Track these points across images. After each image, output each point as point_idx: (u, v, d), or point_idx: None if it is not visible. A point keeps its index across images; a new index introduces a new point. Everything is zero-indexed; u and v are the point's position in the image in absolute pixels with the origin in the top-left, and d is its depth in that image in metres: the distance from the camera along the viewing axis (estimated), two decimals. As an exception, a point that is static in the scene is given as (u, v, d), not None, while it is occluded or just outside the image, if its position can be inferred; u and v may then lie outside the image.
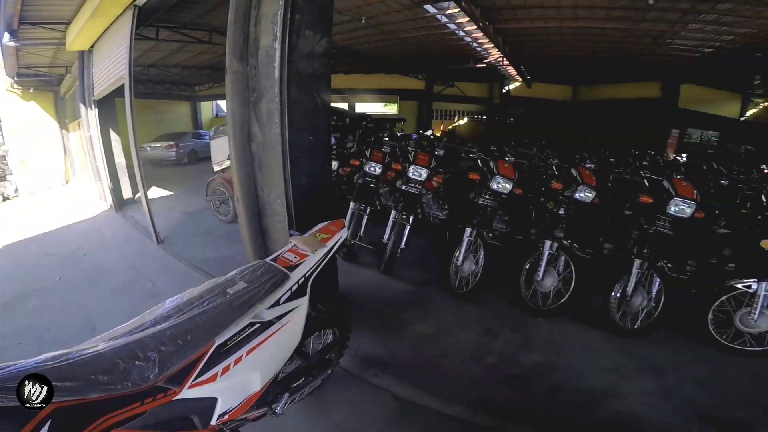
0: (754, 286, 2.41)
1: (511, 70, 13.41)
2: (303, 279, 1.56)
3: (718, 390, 2.22)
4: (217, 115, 20.04)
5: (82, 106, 7.15)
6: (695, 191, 2.59)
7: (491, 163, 3.11)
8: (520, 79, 15.40)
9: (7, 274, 4.43)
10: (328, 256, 1.73)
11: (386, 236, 3.56)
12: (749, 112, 14.36)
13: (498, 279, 3.13)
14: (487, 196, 3.06)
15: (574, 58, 11.06)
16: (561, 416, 2.07)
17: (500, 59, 11.67)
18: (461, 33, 9.45)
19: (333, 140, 5.86)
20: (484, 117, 19.60)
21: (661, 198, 2.67)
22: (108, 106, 6.67)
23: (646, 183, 3.23)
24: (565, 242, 2.89)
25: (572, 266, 2.83)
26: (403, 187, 3.48)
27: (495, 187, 3.01)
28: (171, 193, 8.24)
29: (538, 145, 6.37)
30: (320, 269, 1.67)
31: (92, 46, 6.32)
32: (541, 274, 2.88)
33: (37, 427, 0.89)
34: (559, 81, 16.55)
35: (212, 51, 9.48)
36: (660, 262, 2.58)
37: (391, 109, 19.12)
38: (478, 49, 10.96)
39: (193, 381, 1.15)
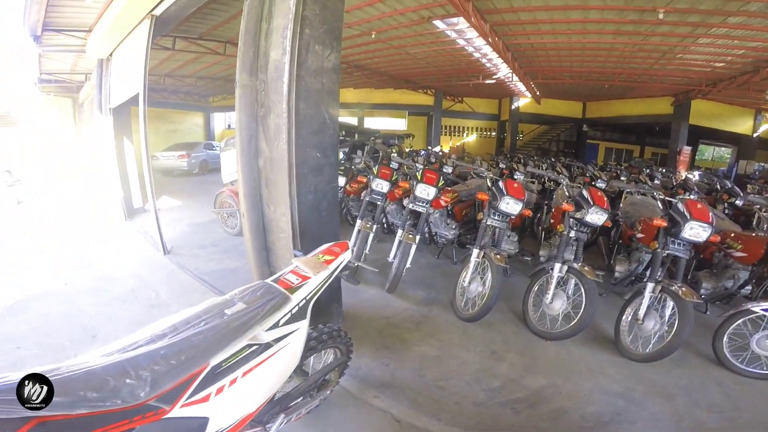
0: (772, 309, 2.36)
1: (521, 86, 13.45)
2: (304, 301, 1.53)
3: (731, 414, 2.16)
4: (229, 126, 20.34)
5: (98, 113, 7.30)
6: (711, 214, 2.54)
7: (500, 183, 3.08)
8: (530, 95, 15.43)
9: (12, 278, 4.45)
10: (330, 279, 1.70)
11: (392, 255, 3.52)
12: (762, 128, 14.02)
13: (505, 301, 3.06)
14: (496, 217, 3.01)
15: (583, 73, 11.08)
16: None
17: (510, 75, 11.73)
18: (471, 48, 9.53)
19: (342, 155, 5.88)
20: (494, 133, 19.65)
21: (676, 221, 2.61)
22: (123, 114, 6.78)
23: (660, 205, 3.17)
24: (575, 265, 2.83)
25: (582, 289, 2.76)
26: (410, 206, 3.46)
27: (504, 208, 2.97)
28: (181, 203, 8.31)
29: (549, 162, 6.33)
30: (322, 291, 1.64)
31: (111, 54, 6.48)
32: (549, 297, 2.82)
33: None
34: (568, 97, 16.57)
35: (226, 62, 9.68)
36: (674, 286, 2.50)
37: (400, 124, 19.24)
38: (488, 64, 11.05)
39: (185, 400, 1.13)
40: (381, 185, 3.73)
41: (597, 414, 2.16)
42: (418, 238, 3.35)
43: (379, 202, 3.80)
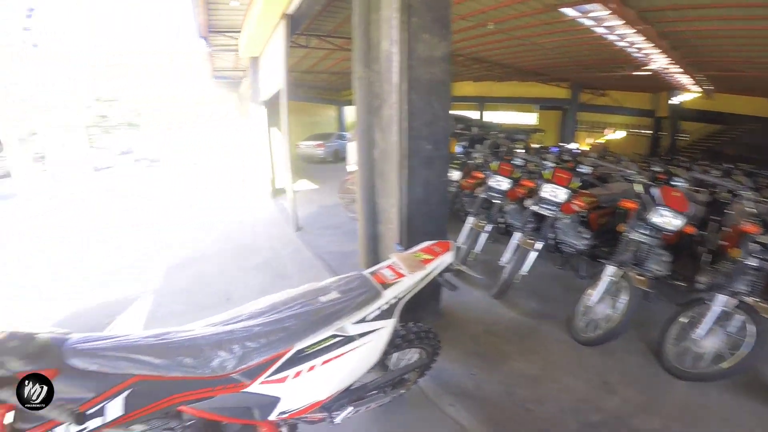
0: None
1: (684, 79, 10.98)
2: (394, 300, 1.49)
3: None
4: (357, 118, 21.93)
5: (253, 106, 8.63)
6: None
7: (654, 190, 2.55)
8: (698, 90, 12.48)
9: (191, 239, 5.64)
10: (426, 280, 1.60)
11: (505, 258, 3.26)
12: None
13: (638, 329, 2.56)
14: (644, 231, 2.51)
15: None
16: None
17: (667, 66, 9.68)
18: (613, 37, 8.10)
19: (460, 150, 5.72)
20: (648, 132, 16.61)
21: None
22: (272, 107, 7.88)
23: None
24: (747, 300, 2.18)
25: (753, 330, 2.12)
26: (534, 207, 3.14)
27: (656, 220, 2.45)
28: (316, 187, 9.40)
29: (724, 170, 4.97)
30: (415, 292, 1.57)
31: (260, 53, 7.52)
32: (702, 332, 2.24)
33: (117, 393, 1.01)
34: (753, 92, 12.82)
35: (351, 58, 10.30)
36: None
37: (528, 118, 17.82)
38: (636, 54, 9.29)
39: (264, 378, 1.20)
40: (500, 182, 3.49)
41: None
42: (540, 244, 3.02)
43: (496, 200, 3.56)
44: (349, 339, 1.35)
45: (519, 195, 3.68)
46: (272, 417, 1.27)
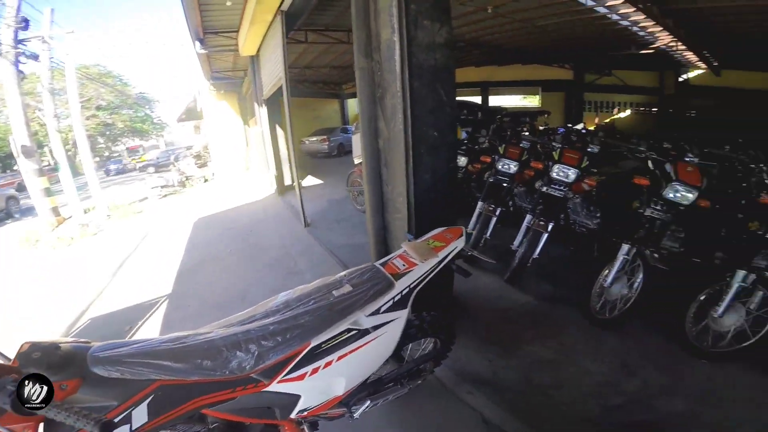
0: None
1: (690, 56, 10.67)
2: (407, 290, 1.48)
3: None
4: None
5: (255, 105, 8.62)
6: None
7: (667, 166, 2.50)
8: (704, 66, 12.14)
9: (197, 242, 5.72)
10: (438, 267, 1.59)
11: (517, 242, 3.24)
12: None
13: (659, 308, 2.53)
14: (658, 207, 2.46)
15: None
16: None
17: (673, 44, 9.41)
18: (615, 17, 7.85)
19: (465, 135, 5.66)
20: (654, 109, 16.25)
21: None
22: (274, 104, 7.89)
23: None
24: (767, 275, 2.14)
25: None
26: (544, 189, 3.10)
27: (671, 196, 2.40)
28: (322, 181, 9.41)
29: (734, 144, 4.85)
30: (428, 280, 1.56)
31: (258, 51, 7.48)
32: (722, 309, 2.20)
33: (141, 400, 1.01)
34: (759, 67, 12.40)
35: (351, 50, 10.19)
36: None
37: (532, 101, 17.57)
38: (641, 33, 9.01)
39: (283, 377, 1.20)
40: (508, 165, 3.45)
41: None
42: (551, 225, 2.98)
43: (505, 184, 3.53)
44: (364, 332, 1.34)
45: (527, 177, 3.64)
46: (293, 415, 1.28)
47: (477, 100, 16.44)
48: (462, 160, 4.57)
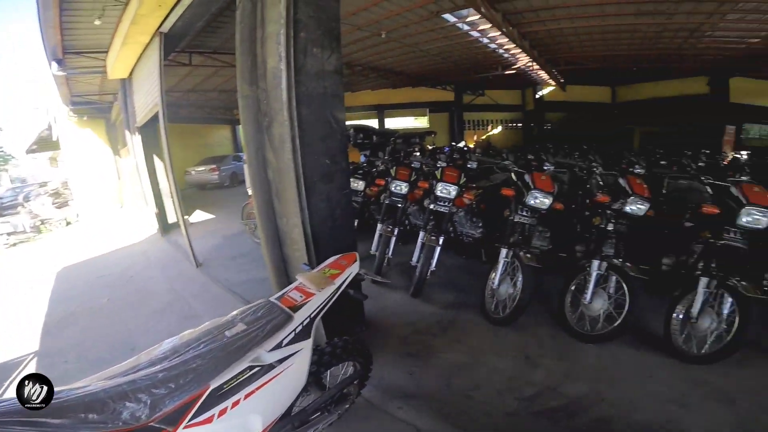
0: None
1: (543, 75, 12.93)
2: (308, 320, 1.49)
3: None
4: (254, 137, 20.87)
5: (127, 133, 7.61)
6: None
7: (526, 177, 2.90)
8: (554, 83, 14.80)
9: (63, 294, 4.74)
10: (337, 294, 1.65)
11: (415, 258, 3.41)
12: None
13: (541, 302, 2.88)
14: (524, 213, 2.84)
15: (608, 57, 10.48)
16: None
17: (530, 64, 11.30)
18: (485, 40, 9.22)
19: (363, 158, 5.83)
20: (519, 125, 19.03)
21: (730, 207, 2.35)
22: (150, 132, 6.99)
23: (709, 190, 2.87)
24: (615, 261, 2.61)
25: (625, 287, 2.54)
26: (432, 206, 3.33)
27: (532, 202, 2.79)
28: (213, 216, 8.60)
29: (581, 151, 5.95)
30: (328, 307, 1.60)
31: (131, 74, 6.72)
32: (588, 296, 2.62)
33: None
34: (596, 82, 15.77)
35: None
36: (731, 280, 2.24)
37: (421, 122, 19.05)
38: (505, 55, 10.66)
39: (188, 422, 1.14)
40: (400, 187, 3.63)
41: (646, 422, 1.95)
42: (441, 239, 3.22)
43: (399, 205, 3.70)
44: (268, 367, 1.33)
45: (418, 196, 3.88)
46: None
47: (374, 122, 17.20)
48: (360, 184, 4.68)
